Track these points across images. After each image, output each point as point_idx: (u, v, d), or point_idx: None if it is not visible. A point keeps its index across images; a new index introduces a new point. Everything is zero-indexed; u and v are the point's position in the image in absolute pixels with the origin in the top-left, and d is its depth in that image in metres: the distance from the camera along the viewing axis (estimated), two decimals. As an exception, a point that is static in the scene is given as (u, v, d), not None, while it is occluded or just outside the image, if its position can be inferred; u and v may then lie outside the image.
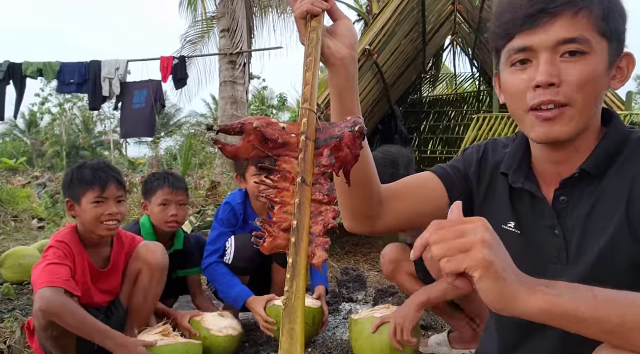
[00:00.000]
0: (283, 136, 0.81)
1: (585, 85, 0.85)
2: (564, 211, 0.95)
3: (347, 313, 2.63)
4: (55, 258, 1.65)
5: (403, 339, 1.71)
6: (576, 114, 0.86)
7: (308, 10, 0.86)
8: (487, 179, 1.08)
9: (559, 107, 0.86)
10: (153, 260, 1.89)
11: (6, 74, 6.46)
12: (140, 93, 6.67)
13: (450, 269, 0.67)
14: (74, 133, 33.02)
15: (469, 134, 3.78)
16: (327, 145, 0.81)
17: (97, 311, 1.83)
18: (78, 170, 1.80)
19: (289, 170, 0.82)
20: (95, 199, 1.75)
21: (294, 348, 0.71)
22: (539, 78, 0.85)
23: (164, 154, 28.18)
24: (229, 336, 2.01)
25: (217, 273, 2.28)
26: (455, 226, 0.68)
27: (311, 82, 0.84)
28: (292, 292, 0.72)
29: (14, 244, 4.26)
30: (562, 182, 0.94)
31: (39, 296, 1.55)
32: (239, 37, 7.86)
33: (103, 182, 1.76)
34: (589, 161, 0.91)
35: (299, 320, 0.71)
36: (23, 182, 8.57)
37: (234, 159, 0.82)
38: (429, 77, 7.63)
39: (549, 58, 0.85)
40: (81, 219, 1.78)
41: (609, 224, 0.89)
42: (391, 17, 4.23)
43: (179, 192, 2.28)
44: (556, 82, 0.85)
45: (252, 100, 23.85)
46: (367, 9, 10.71)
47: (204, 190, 6.13)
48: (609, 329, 0.66)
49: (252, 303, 2.15)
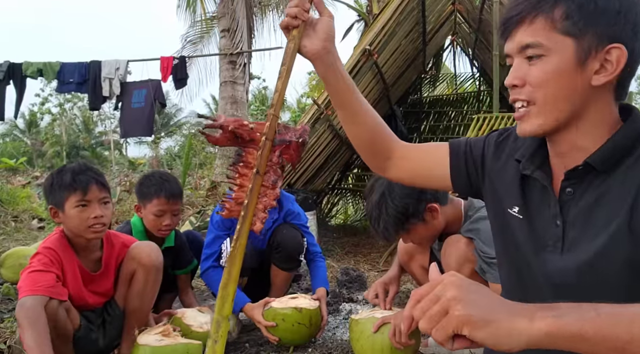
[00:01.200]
0: (250, 134, 1.14)
1: (543, 84, 0.91)
2: (568, 202, 0.97)
3: (347, 313, 2.63)
4: (40, 265, 1.63)
5: (401, 341, 1.72)
6: (539, 111, 0.93)
7: (287, 24, 1.07)
8: (502, 161, 1.13)
9: (524, 108, 0.94)
10: (147, 260, 1.87)
11: (6, 74, 6.46)
12: (140, 92, 6.66)
13: (441, 338, 0.68)
14: (74, 133, 33.01)
15: (469, 134, 3.78)
16: (279, 146, 1.13)
17: (93, 313, 1.82)
18: (57, 175, 1.75)
19: (249, 161, 1.15)
20: (78, 203, 1.71)
21: (230, 284, 1.10)
22: (506, 80, 0.96)
23: (164, 154, 28.17)
24: (209, 331, 2.03)
25: (213, 278, 2.29)
26: (429, 293, 0.70)
27: (279, 89, 1.10)
28: (235, 248, 1.10)
29: (14, 244, 4.26)
30: (567, 174, 0.96)
31: (18, 304, 1.53)
32: (239, 37, 7.85)
33: (84, 185, 1.71)
34: (594, 155, 0.92)
35: (237, 263, 1.09)
36: (23, 182, 8.56)
37: (216, 144, 1.17)
38: (429, 77, 7.62)
39: (517, 62, 0.95)
40: (67, 225, 1.74)
41: (609, 223, 0.89)
42: (391, 17, 4.23)
43: (175, 202, 2.25)
44: (518, 84, 0.93)
45: (252, 100, 23.85)
46: (367, 9, 10.71)
47: (204, 190, 6.13)
48: (619, 346, 0.65)
49: (250, 311, 2.16)
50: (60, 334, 1.65)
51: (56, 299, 1.60)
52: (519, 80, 0.93)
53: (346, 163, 6.22)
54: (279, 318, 2.06)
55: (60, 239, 1.76)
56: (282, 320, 2.06)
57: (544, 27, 0.90)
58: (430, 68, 7.54)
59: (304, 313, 2.07)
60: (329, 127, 4.38)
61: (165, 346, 1.71)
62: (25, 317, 1.47)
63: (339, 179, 6.68)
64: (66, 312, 1.67)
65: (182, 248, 2.40)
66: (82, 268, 1.79)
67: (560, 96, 0.91)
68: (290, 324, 2.05)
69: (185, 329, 2.01)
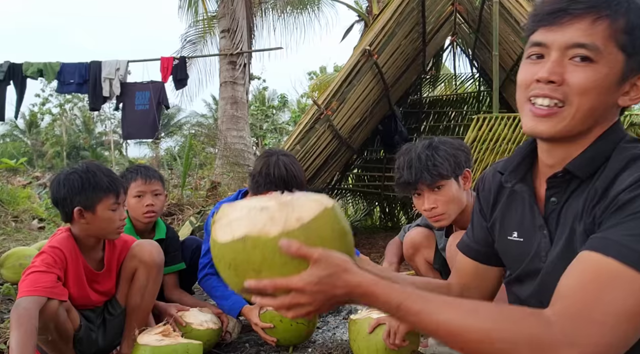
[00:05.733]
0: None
1: (585, 92, 0.85)
2: (553, 212, 0.95)
3: (347, 313, 2.63)
4: (42, 266, 1.63)
5: (395, 343, 1.72)
6: (569, 116, 0.87)
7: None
8: (492, 200, 1.12)
9: (554, 107, 0.88)
10: (149, 258, 1.89)
11: (6, 74, 6.46)
12: (143, 94, 6.66)
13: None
14: (74, 133, 33.03)
15: (469, 134, 3.78)
16: None
17: (93, 312, 1.83)
18: (86, 175, 1.73)
19: None
20: (113, 206, 1.75)
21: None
22: (540, 73, 0.88)
23: (164, 154, 28.17)
24: (209, 329, 2.06)
25: (211, 285, 2.30)
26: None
27: None
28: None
29: (14, 244, 4.25)
30: (548, 181, 0.95)
31: (15, 304, 1.54)
32: (239, 38, 7.85)
33: (118, 188, 1.78)
34: (574, 161, 0.91)
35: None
36: (23, 182, 8.55)
37: None
38: (429, 78, 7.62)
39: (557, 58, 0.87)
40: (92, 225, 1.74)
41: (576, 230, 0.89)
42: (391, 18, 4.23)
43: (153, 182, 2.27)
44: (556, 80, 0.86)
45: (252, 100, 23.86)
46: (367, 10, 10.72)
47: (204, 190, 6.13)
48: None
49: (247, 313, 2.17)
50: (61, 334, 1.65)
51: (56, 299, 1.61)
52: (558, 76, 0.86)
53: (346, 163, 6.23)
54: (276, 320, 2.07)
55: (68, 238, 1.76)
56: (280, 321, 2.06)
57: (604, 33, 0.84)
58: (430, 68, 7.54)
59: None
60: (329, 127, 4.38)
61: (165, 346, 1.72)
62: (17, 318, 1.47)
63: (339, 179, 6.68)
64: (66, 312, 1.68)
65: (172, 244, 2.40)
66: (87, 266, 1.80)
67: (594, 108, 0.87)
68: (289, 325, 2.06)
69: (186, 327, 2.02)
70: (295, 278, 0.83)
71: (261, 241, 0.83)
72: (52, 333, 1.58)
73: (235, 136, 8.13)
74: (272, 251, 0.82)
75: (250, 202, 0.92)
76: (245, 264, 0.85)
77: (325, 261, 0.83)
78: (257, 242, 0.83)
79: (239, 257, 0.85)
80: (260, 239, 0.83)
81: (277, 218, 0.85)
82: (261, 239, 0.83)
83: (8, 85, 6.55)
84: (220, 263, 0.90)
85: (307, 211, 0.86)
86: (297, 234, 0.83)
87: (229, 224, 0.88)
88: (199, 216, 4.76)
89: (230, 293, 2.26)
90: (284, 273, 0.83)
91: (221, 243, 0.87)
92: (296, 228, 0.83)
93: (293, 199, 0.89)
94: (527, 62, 0.93)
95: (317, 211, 0.86)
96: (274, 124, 26.80)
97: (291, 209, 0.86)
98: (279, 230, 0.83)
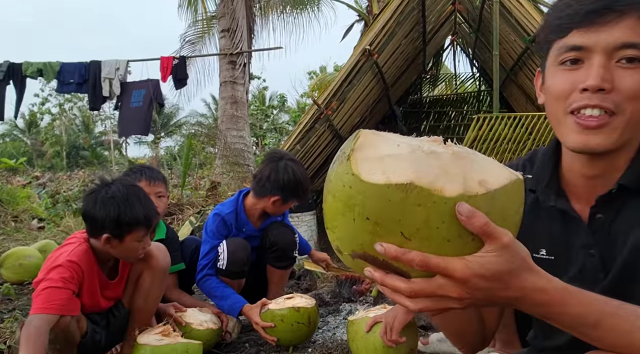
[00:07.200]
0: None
1: (639, 97, 0.78)
2: (600, 229, 0.87)
3: (347, 313, 2.63)
4: (59, 281, 1.60)
5: (392, 339, 1.72)
6: (621, 125, 0.79)
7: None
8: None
9: (604, 116, 0.79)
10: (155, 262, 1.89)
11: (6, 74, 6.46)
12: (139, 92, 6.67)
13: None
14: (74, 133, 33.04)
15: (469, 134, 3.78)
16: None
17: (98, 314, 1.83)
18: (124, 206, 1.69)
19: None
20: (141, 238, 1.74)
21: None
22: (589, 81, 0.77)
23: (163, 154, 28.18)
24: (209, 329, 2.06)
25: (210, 286, 2.30)
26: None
27: None
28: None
29: (14, 244, 4.25)
30: (598, 199, 0.87)
31: (27, 321, 1.53)
32: (238, 37, 7.86)
33: (150, 221, 1.76)
34: (627, 175, 0.84)
35: None
36: (23, 182, 8.56)
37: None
38: (429, 77, 7.63)
39: (603, 61, 0.78)
40: (114, 250, 1.74)
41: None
42: (391, 17, 4.22)
43: (157, 183, 2.27)
44: (607, 88, 0.77)
45: (252, 100, 23.86)
46: (367, 9, 10.72)
47: (204, 190, 6.13)
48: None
49: (248, 312, 2.16)
50: (69, 341, 1.66)
51: (68, 315, 1.61)
52: (609, 84, 0.77)
53: (346, 163, 6.22)
54: (277, 319, 2.06)
55: (87, 252, 1.73)
56: (281, 321, 2.06)
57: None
58: (430, 68, 7.55)
59: (302, 312, 2.08)
60: (329, 127, 4.38)
61: (165, 345, 1.72)
62: (27, 336, 1.47)
63: (339, 179, 6.67)
64: (76, 322, 1.68)
65: (171, 244, 2.40)
66: (102, 276, 1.80)
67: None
68: (289, 324, 2.06)
69: (186, 327, 2.02)
70: (459, 262, 0.60)
71: (431, 199, 0.58)
72: (60, 343, 1.59)
73: (235, 135, 8.13)
74: (442, 216, 0.58)
75: (406, 138, 0.68)
76: (393, 223, 0.59)
77: (513, 251, 0.62)
78: (426, 199, 0.58)
79: (390, 209, 0.59)
80: (432, 195, 0.58)
81: (453, 174, 0.60)
82: (433, 195, 0.58)
83: (7, 84, 6.55)
84: (346, 205, 0.61)
85: (493, 176, 0.62)
86: (480, 202, 0.59)
87: (380, 160, 0.61)
88: (199, 215, 4.75)
89: (230, 293, 2.25)
90: (443, 250, 0.60)
91: (367, 183, 0.59)
92: (479, 194, 0.59)
93: (469, 152, 0.64)
94: (560, 70, 0.83)
95: (507, 179, 0.62)
96: (273, 123, 26.81)
97: (469, 165, 0.62)
98: (459, 191, 0.59)
